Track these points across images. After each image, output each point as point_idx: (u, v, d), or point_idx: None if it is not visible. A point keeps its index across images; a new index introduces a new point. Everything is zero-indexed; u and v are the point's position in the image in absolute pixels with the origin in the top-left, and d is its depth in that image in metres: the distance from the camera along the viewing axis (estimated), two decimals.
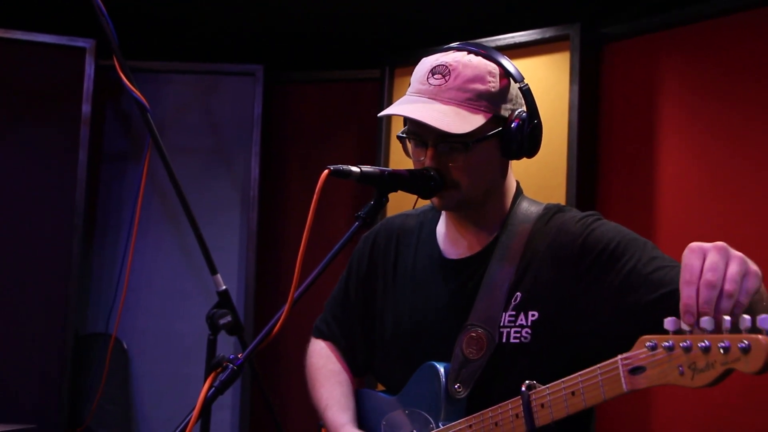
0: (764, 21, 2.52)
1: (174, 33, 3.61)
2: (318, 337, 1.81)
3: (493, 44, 3.00)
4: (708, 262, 1.11)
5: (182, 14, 3.41)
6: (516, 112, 1.49)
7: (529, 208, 1.56)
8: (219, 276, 2.36)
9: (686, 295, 1.10)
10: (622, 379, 1.18)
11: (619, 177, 2.88)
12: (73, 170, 3.24)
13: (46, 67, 3.31)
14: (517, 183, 1.61)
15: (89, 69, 3.28)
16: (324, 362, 1.75)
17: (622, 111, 2.89)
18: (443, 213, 1.63)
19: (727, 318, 1.06)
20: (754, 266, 1.15)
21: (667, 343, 1.12)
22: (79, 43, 3.29)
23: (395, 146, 3.30)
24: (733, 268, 1.11)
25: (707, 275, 1.10)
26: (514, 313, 1.47)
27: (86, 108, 3.27)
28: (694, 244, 1.15)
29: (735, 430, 2.47)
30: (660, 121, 2.77)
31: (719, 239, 2.69)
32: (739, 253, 1.14)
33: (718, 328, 1.07)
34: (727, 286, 1.10)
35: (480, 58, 1.50)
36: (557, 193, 2.82)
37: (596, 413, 1.59)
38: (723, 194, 2.58)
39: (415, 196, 1.52)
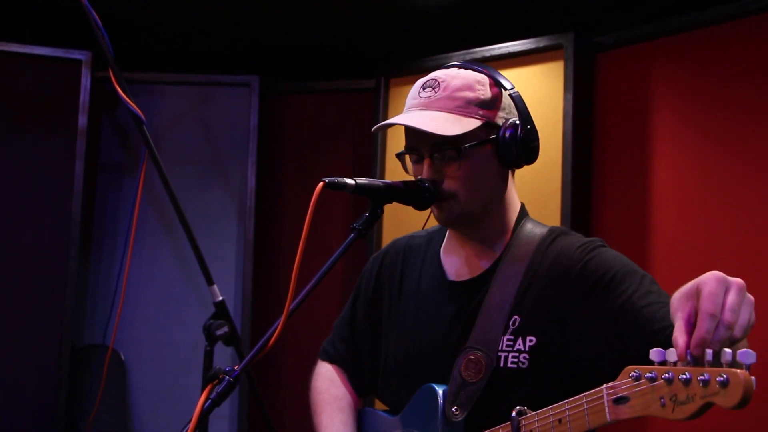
0: (757, 29, 2.54)
1: (169, 44, 3.62)
2: (324, 359, 1.81)
3: (487, 54, 3.02)
4: (707, 290, 1.08)
5: (178, 26, 3.42)
6: (509, 120, 1.50)
7: (533, 230, 1.55)
8: (215, 287, 2.37)
9: (705, 329, 1.06)
10: (606, 408, 1.18)
11: (613, 185, 2.89)
12: (70, 181, 3.25)
13: (43, 79, 3.32)
14: (522, 205, 1.61)
15: (85, 81, 3.29)
16: (327, 386, 1.75)
17: (615, 119, 2.91)
18: (448, 234, 1.63)
19: (709, 351, 1.05)
20: (749, 295, 1.11)
21: (650, 374, 1.11)
22: (75, 55, 3.30)
23: (391, 156, 3.31)
24: (732, 297, 1.08)
25: (706, 304, 1.06)
26: (512, 337, 1.46)
27: (82, 119, 3.28)
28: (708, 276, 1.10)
29: None
30: (654, 129, 2.78)
31: (713, 247, 2.70)
32: (738, 280, 1.10)
33: (700, 361, 1.06)
34: (727, 316, 1.06)
35: (468, 71, 1.52)
36: (552, 202, 2.83)
37: None
38: (717, 201, 2.59)
39: (418, 210, 1.52)
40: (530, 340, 1.44)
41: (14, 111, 3.29)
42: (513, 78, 1.58)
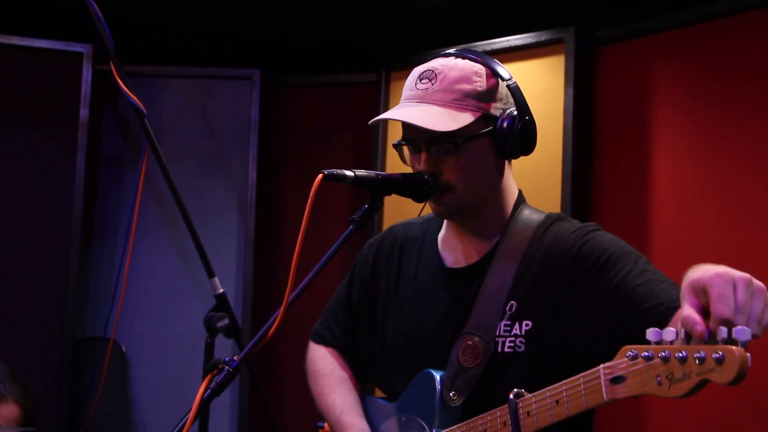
0: (758, 24, 2.54)
1: (171, 37, 3.62)
2: (319, 342, 1.81)
3: (488, 48, 3.02)
4: (716, 292, 1.07)
5: (179, 18, 3.42)
6: (507, 111, 1.50)
7: (530, 217, 1.56)
8: (216, 279, 2.38)
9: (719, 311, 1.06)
10: (603, 388, 1.19)
11: (613, 179, 2.89)
12: (71, 175, 3.25)
13: (44, 72, 3.32)
14: (520, 191, 1.61)
15: (86, 74, 3.29)
16: (331, 368, 1.75)
17: (616, 114, 2.91)
18: (445, 222, 1.64)
19: (706, 329, 1.06)
20: (758, 283, 1.11)
21: (646, 353, 1.12)
22: (77, 48, 3.30)
23: (392, 149, 3.31)
24: (740, 296, 1.07)
25: (719, 308, 1.06)
26: (509, 322, 1.47)
27: (84, 113, 3.28)
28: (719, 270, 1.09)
29: None
30: (654, 124, 2.79)
31: (713, 241, 2.71)
32: (744, 275, 1.10)
33: (698, 339, 1.07)
34: (739, 320, 1.06)
35: (466, 61, 1.51)
36: (552, 196, 2.83)
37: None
38: (717, 196, 2.59)
39: (416, 202, 1.53)
40: (526, 324, 1.46)
41: (15, 104, 3.29)
42: (514, 72, 1.57)
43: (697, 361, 1.05)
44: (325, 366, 1.76)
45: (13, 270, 3.22)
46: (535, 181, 2.85)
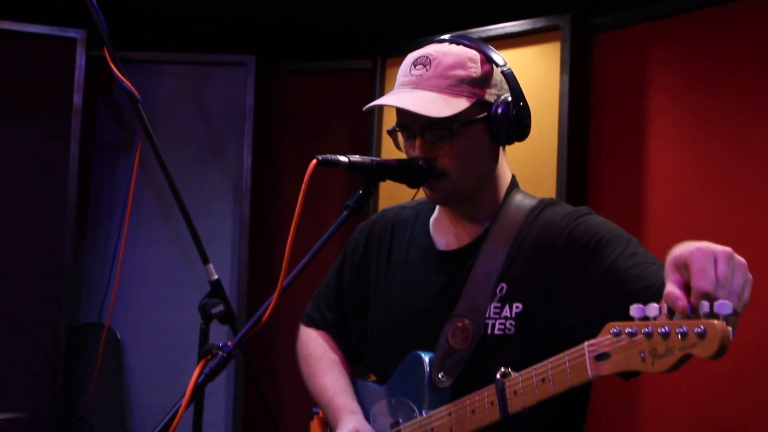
0: (755, 11, 2.53)
1: (165, 23, 3.61)
2: (310, 325, 1.81)
3: (483, 34, 3.01)
4: (696, 267, 1.08)
5: (173, 4, 3.40)
6: (501, 97, 1.50)
7: (522, 201, 1.56)
8: (211, 266, 2.37)
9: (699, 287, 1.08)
10: (588, 365, 1.20)
11: (609, 167, 2.89)
12: (65, 161, 3.24)
13: (37, 58, 3.30)
14: (513, 177, 1.61)
15: (80, 60, 3.28)
16: (323, 352, 1.76)
17: (612, 101, 2.90)
18: (438, 206, 1.64)
19: (688, 304, 1.07)
20: (739, 258, 1.12)
21: (630, 329, 1.13)
22: (70, 33, 3.29)
23: (387, 136, 3.30)
24: (721, 271, 1.08)
25: (699, 282, 1.07)
26: (499, 304, 1.47)
27: (77, 99, 3.27)
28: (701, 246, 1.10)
29: (723, 419, 2.49)
30: (650, 112, 2.78)
31: (709, 230, 2.72)
32: (725, 249, 1.11)
33: (680, 314, 1.08)
34: (720, 294, 1.07)
35: (461, 47, 1.51)
36: (548, 184, 2.83)
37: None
38: (713, 185, 2.60)
39: (411, 188, 1.53)
40: (516, 307, 1.46)
41: (8, 90, 3.28)
42: (509, 59, 1.57)
43: (679, 336, 1.06)
44: (316, 349, 1.76)
45: (7, 257, 3.21)
46: (530, 168, 2.84)
